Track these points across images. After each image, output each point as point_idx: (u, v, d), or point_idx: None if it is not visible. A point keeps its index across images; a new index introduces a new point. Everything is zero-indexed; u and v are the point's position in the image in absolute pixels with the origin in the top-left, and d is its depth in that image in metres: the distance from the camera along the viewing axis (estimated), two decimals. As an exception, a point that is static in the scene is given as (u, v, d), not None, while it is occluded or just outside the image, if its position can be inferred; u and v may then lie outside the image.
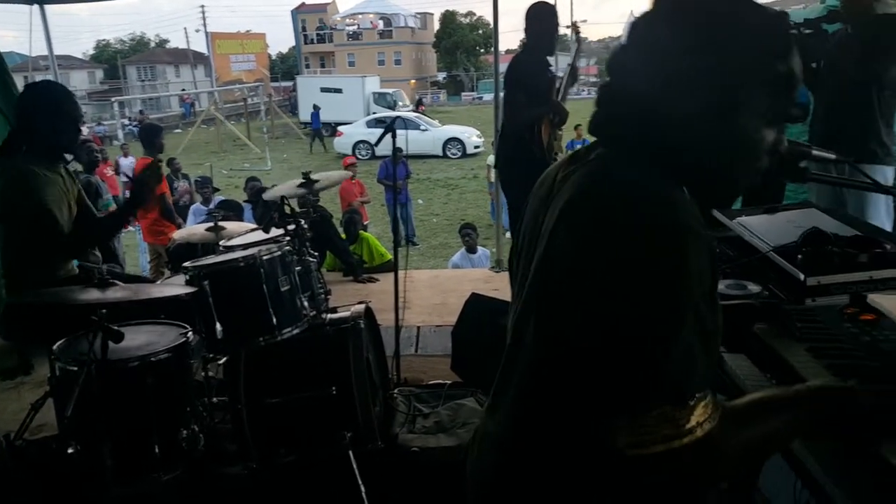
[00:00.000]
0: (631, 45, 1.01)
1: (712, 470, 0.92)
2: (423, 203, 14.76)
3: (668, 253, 0.88)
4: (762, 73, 0.95)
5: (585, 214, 0.96)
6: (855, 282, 1.70)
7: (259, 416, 2.73)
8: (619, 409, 0.88)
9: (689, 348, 0.88)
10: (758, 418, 0.96)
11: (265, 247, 2.76)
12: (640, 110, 0.98)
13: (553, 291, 0.98)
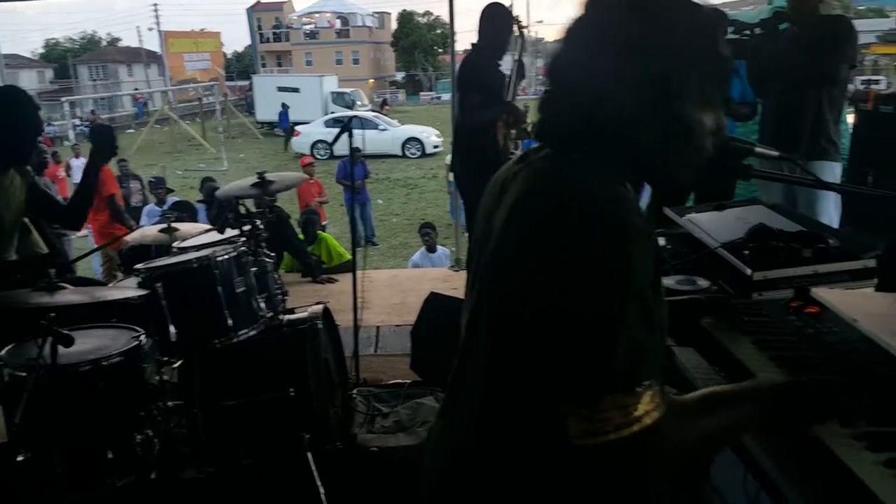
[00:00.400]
0: (567, 46, 1.03)
1: (660, 459, 0.94)
2: (382, 203, 14.71)
3: (612, 248, 0.90)
4: (694, 61, 0.98)
5: (532, 213, 0.98)
6: (799, 276, 1.75)
7: (215, 420, 2.70)
8: (572, 398, 0.90)
9: (636, 339, 0.90)
10: (708, 412, 0.98)
11: (220, 248, 2.73)
12: (581, 109, 1.00)
13: (503, 289, 0.99)
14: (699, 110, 1.00)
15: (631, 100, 0.97)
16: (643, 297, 0.91)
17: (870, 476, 0.93)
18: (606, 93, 0.98)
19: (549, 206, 0.96)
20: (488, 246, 1.05)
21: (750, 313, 1.50)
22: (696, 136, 1.01)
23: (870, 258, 1.78)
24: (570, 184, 0.97)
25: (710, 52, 0.99)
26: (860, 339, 1.26)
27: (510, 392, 1.00)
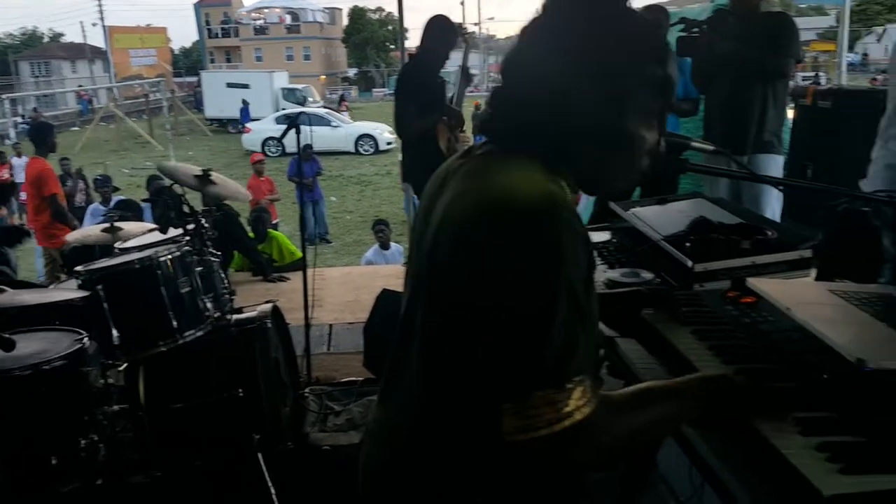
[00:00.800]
0: (521, 48, 1.04)
1: (591, 453, 0.95)
2: (336, 200, 14.61)
3: (545, 246, 0.91)
4: (641, 76, 1.00)
5: (467, 210, 0.98)
6: (739, 267, 1.79)
7: (162, 423, 2.65)
8: (505, 394, 0.91)
9: (567, 334, 0.91)
10: (639, 407, 1.00)
11: (163, 247, 2.68)
12: (527, 109, 1.02)
13: (437, 291, 1.00)
14: (641, 123, 1.02)
15: (574, 105, 0.99)
16: (575, 295, 0.92)
17: (801, 460, 0.96)
18: (551, 95, 0.99)
19: (481, 209, 0.96)
20: (423, 245, 1.06)
21: (689, 304, 1.53)
22: (634, 148, 1.03)
23: (806, 249, 1.83)
24: (503, 186, 0.97)
25: (655, 66, 1.01)
26: (793, 327, 1.29)
27: (444, 389, 1.01)
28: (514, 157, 1.02)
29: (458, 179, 1.05)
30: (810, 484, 0.91)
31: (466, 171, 1.05)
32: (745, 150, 3.69)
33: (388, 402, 1.16)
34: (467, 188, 1.01)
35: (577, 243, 0.94)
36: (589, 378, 0.94)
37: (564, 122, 1.00)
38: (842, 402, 1.09)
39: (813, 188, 3.35)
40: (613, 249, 2.22)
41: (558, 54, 0.99)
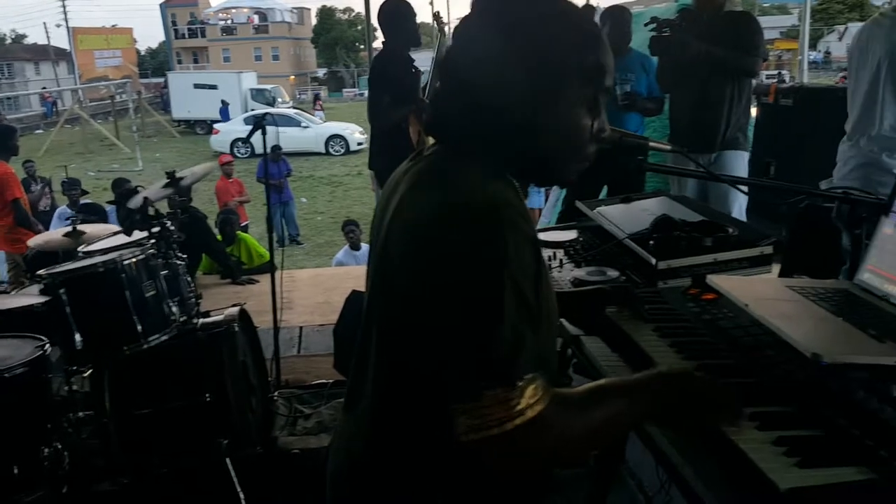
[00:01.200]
0: (456, 46, 1.06)
1: (544, 451, 0.95)
2: (306, 201, 14.52)
3: (487, 246, 0.92)
4: (574, 65, 1.01)
5: (415, 211, 0.99)
6: (700, 264, 1.81)
7: (128, 429, 2.61)
8: (456, 394, 0.91)
9: (515, 333, 0.91)
10: (596, 404, 0.99)
11: (127, 251, 2.63)
12: (467, 106, 1.03)
13: (388, 294, 1.01)
14: (579, 112, 1.03)
15: (511, 99, 1.00)
16: (522, 294, 0.93)
17: (758, 454, 0.97)
18: (488, 91, 1.00)
19: (426, 212, 0.97)
20: (377, 248, 1.07)
21: (652, 301, 1.55)
22: (574, 136, 1.05)
23: (767, 245, 1.86)
24: (448, 189, 0.98)
25: (587, 54, 1.02)
26: (752, 323, 1.31)
27: (400, 392, 1.02)
28: (460, 157, 1.03)
29: (407, 182, 1.05)
30: (767, 478, 0.92)
31: (415, 173, 1.06)
32: (713, 147, 3.75)
33: (351, 407, 1.16)
34: (415, 191, 1.02)
35: (521, 243, 0.94)
36: (542, 376, 0.94)
37: (504, 118, 1.01)
38: (799, 396, 1.10)
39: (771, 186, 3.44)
40: (580, 248, 2.24)
41: (491, 49, 1.00)
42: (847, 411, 1.05)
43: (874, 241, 1.49)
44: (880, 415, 1.02)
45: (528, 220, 0.98)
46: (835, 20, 46.16)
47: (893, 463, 0.92)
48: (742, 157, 3.82)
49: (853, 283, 1.50)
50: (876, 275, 1.46)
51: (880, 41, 3.01)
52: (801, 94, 5.34)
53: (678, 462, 1.10)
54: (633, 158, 1.38)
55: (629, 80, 4.41)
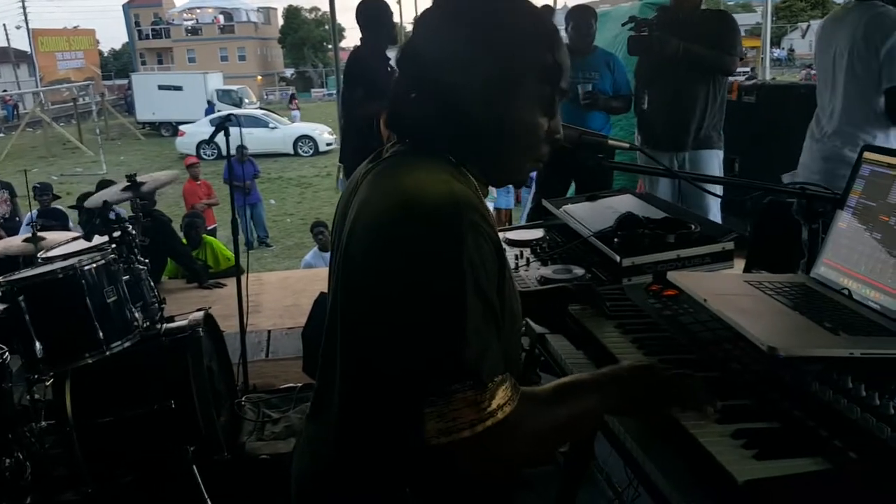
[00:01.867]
0: (413, 43, 1.05)
1: (515, 451, 0.95)
2: (275, 203, 14.39)
3: (449, 247, 0.91)
4: (532, 64, 1.01)
5: (376, 211, 0.98)
6: (664, 261, 1.83)
7: (92, 437, 2.57)
8: (426, 397, 0.90)
9: (481, 334, 0.91)
10: (559, 402, 0.99)
11: (87, 256, 2.59)
12: (425, 104, 1.02)
13: (352, 299, 1.00)
14: (535, 111, 1.04)
15: (468, 97, 1.00)
16: (484, 295, 0.92)
17: (717, 447, 0.98)
18: (445, 90, 1.00)
19: (387, 213, 0.96)
20: (337, 254, 1.05)
21: (615, 298, 1.56)
22: (530, 136, 1.05)
23: (728, 241, 1.88)
24: (408, 190, 0.97)
25: (545, 53, 1.02)
26: (711, 318, 1.33)
27: (367, 396, 1.00)
28: (420, 156, 1.03)
29: (368, 182, 1.05)
30: (726, 471, 0.93)
31: (377, 173, 1.05)
32: (686, 146, 3.79)
33: (318, 410, 1.14)
34: (376, 192, 1.01)
35: (483, 244, 0.93)
36: (511, 376, 0.93)
37: (461, 116, 1.01)
38: (756, 389, 1.12)
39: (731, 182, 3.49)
40: (546, 246, 2.25)
41: (450, 46, 1.00)
42: (803, 403, 1.06)
43: (830, 235, 1.51)
44: (835, 406, 1.04)
45: (489, 221, 0.97)
46: (798, 18, 47.03)
47: (848, 453, 0.93)
48: (716, 155, 3.87)
49: (810, 277, 1.52)
50: (831, 268, 1.48)
51: (843, 37, 3.07)
52: (763, 91, 5.42)
53: (640, 458, 1.11)
54: (592, 156, 1.39)
55: (592, 78, 4.44)
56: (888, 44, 2.87)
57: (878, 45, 2.89)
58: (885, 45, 2.87)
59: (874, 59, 2.92)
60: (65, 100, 33.04)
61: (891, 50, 2.87)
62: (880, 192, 1.42)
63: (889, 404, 1.01)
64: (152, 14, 52.40)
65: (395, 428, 0.96)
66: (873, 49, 2.91)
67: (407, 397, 0.91)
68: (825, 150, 3.17)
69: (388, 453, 1.00)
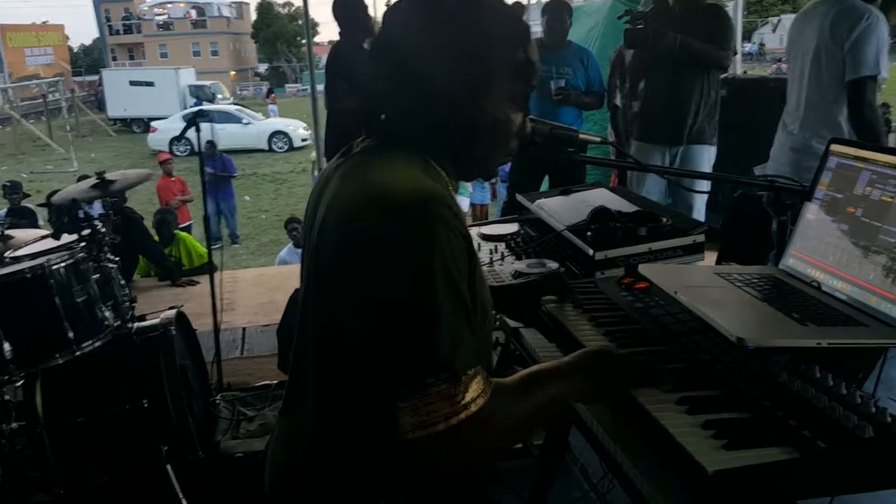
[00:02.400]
0: (386, 36, 1.05)
1: (489, 442, 0.96)
2: (250, 200, 14.29)
3: (420, 243, 0.91)
4: (504, 60, 1.02)
5: (347, 207, 0.98)
6: (636, 254, 1.84)
7: (63, 438, 2.53)
8: (401, 392, 0.90)
9: (453, 328, 0.91)
10: (528, 392, 1.01)
11: (55, 255, 2.54)
12: (399, 100, 1.02)
13: (324, 287, 0.99)
14: (506, 107, 1.05)
15: (439, 93, 1.00)
16: (456, 288, 0.93)
17: (687, 438, 0.99)
18: (416, 86, 1.00)
19: (359, 209, 0.96)
20: (308, 249, 1.05)
21: (587, 292, 1.56)
22: (501, 131, 1.06)
23: (698, 234, 1.90)
24: (379, 186, 0.97)
25: (517, 50, 1.03)
26: (681, 310, 1.34)
27: (341, 392, 1.00)
28: (391, 152, 1.03)
29: (339, 176, 1.04)
30: (696, 461, 0.94)
31: (348, 168, 1.05)
32: (680, 140, 3.81)
33: (291, 406, 1.14)
34: (347, 188, 1.01)
35: (453, 238, 0.94)
36: (483, 369, 0.94)
37: (435, 112, 1.01)
38: (726, 380, 1.13)
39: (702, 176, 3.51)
40: (521, 241, 2.25)
41: (421, 42, 1.00)
42: (772, 393, 1.07)
43: (798, 227, 1.53)
44: (803, 395, 1.05)
45: (458, 216, 0.98)
46: (769, 12, 47.55)
47: (816, 442, 0.95)
48: (709, 150, 3.89)
49: (779, 269, 1.54)
50: (800, 260, 1.50)
51: (812, 30, 3.11)
52: (734, 85, 5.46)
53: (612, 450, 1.12)
54: (563, 150, 1.39)
55: (566, 74, 4.45)
56: (852, 36, 2.91)
57: (844, 38, 2.93)
58: (850, 38, 2.91)
59: (839, 52, 2.96)
60: (34, 96, 32.45)
61: (854, 42, 2.91)
62: (847, 184, 1.44)
63: (856, 393, 1.03)
64: (123, 9, 51.68)
65: (370, 423, 0.96)
66: (839, 42, 2.96)
67: (381, 392, 0.91)
68: (794, 143, 3.21)
69: (363, 448, 1.00)
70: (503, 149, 1.08)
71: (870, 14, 2.92)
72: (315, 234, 1.02)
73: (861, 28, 2.90)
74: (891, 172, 1.35)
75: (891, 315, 1.25)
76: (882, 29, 2.94)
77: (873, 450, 0.93)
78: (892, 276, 1.27)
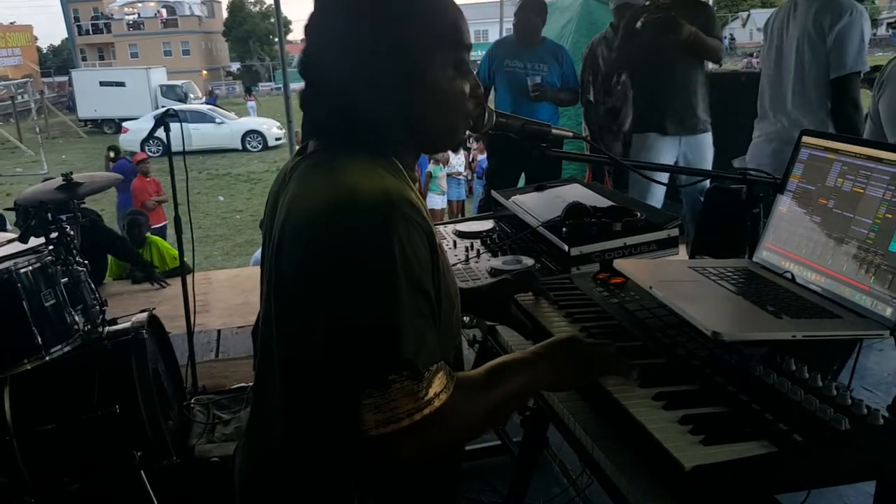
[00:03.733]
0: (310, 47, 1.04)
1: (454, 436, 0.97)
2: (224, 200, 14.15)
3: (381, 242, 0.91)
4: (429, 35, 1.01)
5: (306, 208, 0.97)
6: (611, 249, 1.84)
7: (33, 446, 2.47)
8: (363, 390, 0.89)
9: (415, 325, 0.91)
10: (493, 384, 1.00)
11: (22, 259, 2.49)
12: (338, 103, 1.02)
13: (287, 287, 0.98)
14: (447, 77, 1.04)
15: (380, 86, 1.00)
16: (419, 286, 0.93)
17: (664, 434, 0.98)
18: (358, 78, 1.00)
19: (318, 209, 0.94)
20: (269, 249, 1.04)
21: (563, 287, 1.56)
22: (454, 99, 1.06)
23: (672, 228, 1.90)
24: (338, 183, 0.96)
25: (438, 20, 1.03)
26: (656, 304, 1.33)
27: (307, 391, 0.99)
28: (346, 150, 1.02)
29: (298, 177, 1.03)
30: (673, 457, 0.93)
31: (306, 169, 1.04)
32: (696, 129, 3.83)
33: (258, 406, 1.13)
34: (305, 189, 1.00)
35: (414, 235, 0.93)
36: (445, 364, 0.94)
37: (377, 105, 1.01)
38: (702, 374, 1.12)
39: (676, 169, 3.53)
40: (496, 237, 2.24)
41: (343, 43, 1.00)
42: (747, 387, 1.07)
43: (771, 220, 1.54)
44: (779, 388, 1.05)
45: (421, 212, 0.97)
46: (738, 7, 48.07)
47: (793, 435, 0.94)
48: (704, 138, 3.92)
49: (753, 262, 1.54)
50: (774, 252, 1.50)
51: (793, 24, 3.12)
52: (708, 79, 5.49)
53: (589, 446, 1.11)
54: (536, 145, 1.39)
55: (541, 70, 4.45)
56: (835, 31, 2.92)
57: (826, 32, 2.95)
58: (832, 33, 2.93)
59: (822, 46, 2.98)
60: (2, 98, 31.89)
61: (838, 37, 2.92)
62: (819, 176, 1.44)
63: (831, 385, 1.03)
64: (92, 9, 51.01)
65: (335, 421, 0.95)
66: (822, 35, 2.97)
67: (345, 390, 0.91)
68: (774, 134, 3.23)
69: (330, 447, 0.99)
70: (461, 115, 1.08)
71: (853, 9, 2.94)
72: (276, 236, 1.01)
73: (843, 23, 2.91)
74: (862, 163, 1.35)
75: (864, 306, 1.26)
76: (865, 24, 2.96)
77: (850, 442, 0.93)
78: (865, 266, 1.28)
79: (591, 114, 4.94)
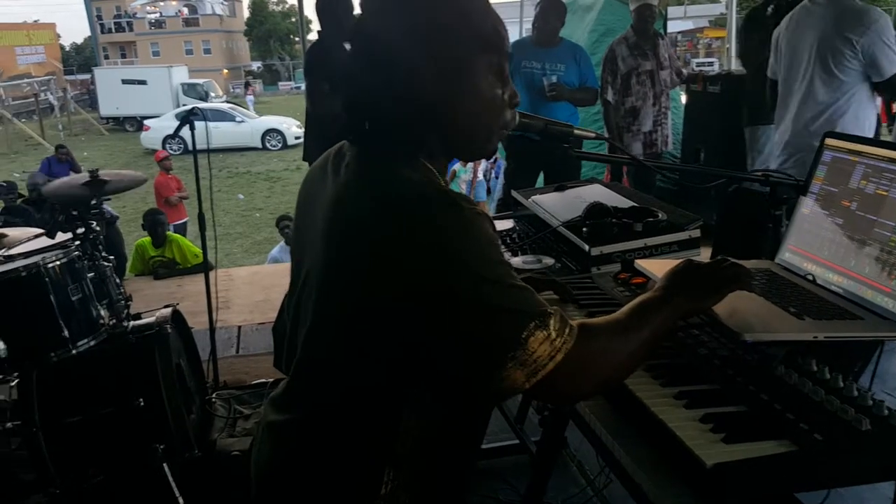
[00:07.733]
0: (354, 47, 1.05)
1: (601, 357, 0.99)
2: (244, 198, 14.25)
3: (464, 224, 0.94)
4: (472, 37, 1.02)
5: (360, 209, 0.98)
6: (632, 249, 1.84)
7: (59, 438, 2.52)
8: (502, 359, 0.92)
9: (515, 286, 0.94)
10: (636, 321, 1.03)
11: (50, 253, 2.53)
12: (382, 97, 1.02)
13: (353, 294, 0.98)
14: (487, 83, 1.04)
15: (422, 86, 1.01)
16: (503, 259, 0.98)
17: (686, 432, 0.99)
18: (398, 83, 1.01)
19: (376, 220, 0.96)
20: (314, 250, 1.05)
21: (584, 287, 1.57)
22: (494, 107, 1.06)
23: (694, 229, 1.90)
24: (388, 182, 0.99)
25: (480, 24, 1.03)
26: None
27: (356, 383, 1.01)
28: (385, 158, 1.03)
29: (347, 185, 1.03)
30: (694, 455, 0.94)
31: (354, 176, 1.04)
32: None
33: (279, 401, 1.14)
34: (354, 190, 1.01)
35: (475, 218, 0.96)
36: (557, 310, 0.97)
37: (417, 104, 1.02)
38: (724, 374, 1.13)
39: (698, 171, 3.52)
40: (517, 237, 2.26)
41: (389, 43, 1.00)
42: (769, 387, 1.08)
43: (793, 221, 1.54)
44: (800, 389, 1.06)
45: (468, 199, 1.00)
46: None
47: (813, 434, 0.95)
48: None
49: (775, 263, 1.54)
50: (796, 254, 1.51)
51: (811, 27, 3.11)
52: (728, 82, 5.47)
53: (610, 444, 1.12)
54: (559, 146, 1.40)
55: (558, 70, 4.45)
56: (868, 38, 2.95)
57: (855, 38, 2.96)
58: (864, 38, 2.95)
59: (848, 51, 2.98)
60: (26, 95, 32.29)
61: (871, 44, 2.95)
62: (842, 178, 1.44)
63: (852, 386, 1.03)
64: (114, 7, 51.51)
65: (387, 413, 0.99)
66: (847, 41, 2.98)
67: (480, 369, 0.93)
68: (794, 139, 3.22)
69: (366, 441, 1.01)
70: (496, 124, 1.08)
71: (877, 13, 2.99)
72: (321, 244, 1.02)
73: (875, 31, 2.95)
74: (885, 166, 1.35)
75: (886, 308, 1.26)
76: (889, 24, 2.99)
77: (870, 442, 0.94)
78: (888, 269, 1.28)
79: (611, 114, 4.94)
